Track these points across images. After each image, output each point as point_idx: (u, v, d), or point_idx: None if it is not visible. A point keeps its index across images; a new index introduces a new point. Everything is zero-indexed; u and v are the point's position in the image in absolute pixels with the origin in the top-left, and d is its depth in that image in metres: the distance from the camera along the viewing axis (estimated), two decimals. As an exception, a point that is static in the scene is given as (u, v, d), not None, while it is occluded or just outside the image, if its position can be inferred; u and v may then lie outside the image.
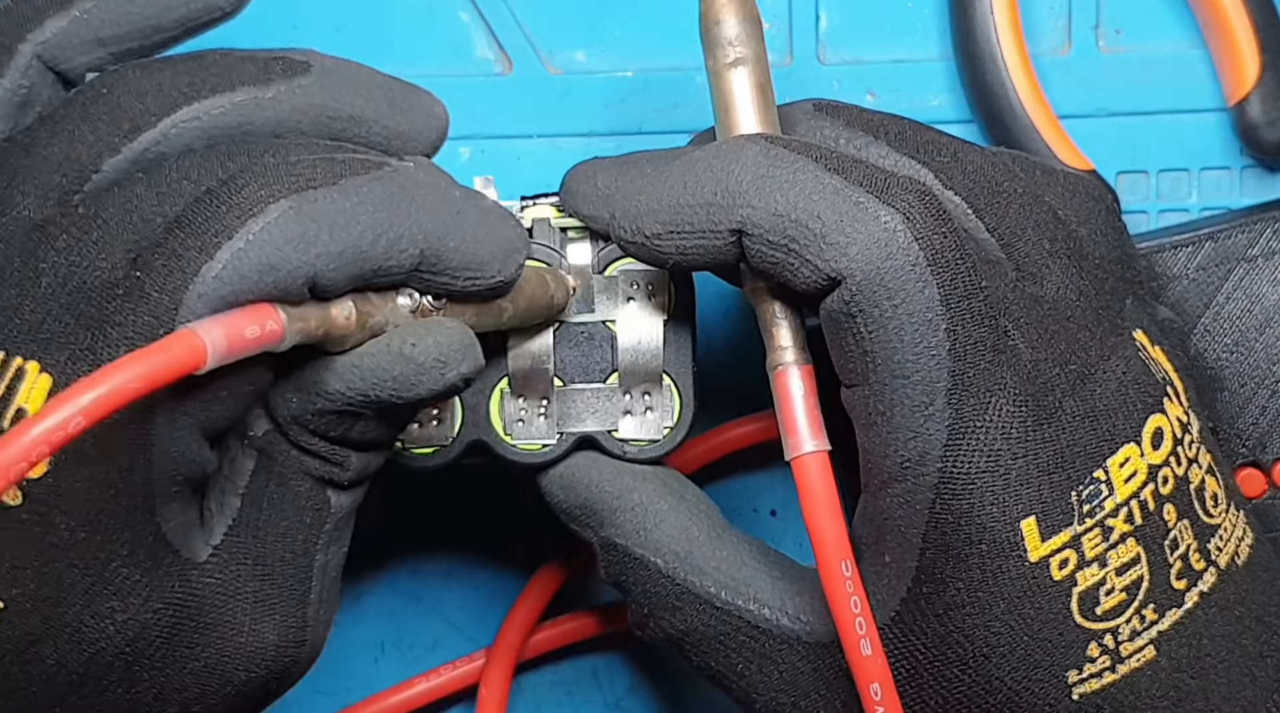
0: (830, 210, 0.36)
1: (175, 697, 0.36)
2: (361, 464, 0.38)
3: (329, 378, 0.36)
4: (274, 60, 0.38)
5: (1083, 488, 0.37)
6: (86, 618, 0.34)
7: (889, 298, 0.36)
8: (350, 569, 0.53)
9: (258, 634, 0.37)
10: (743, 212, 0.37)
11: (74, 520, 0.34)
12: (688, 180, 0.38)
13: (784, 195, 0.36)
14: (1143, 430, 0.38)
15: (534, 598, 0.52)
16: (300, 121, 0.37)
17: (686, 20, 0.51)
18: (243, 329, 0.32)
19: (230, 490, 0.37)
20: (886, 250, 0.36)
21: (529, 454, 0.44)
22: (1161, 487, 0.38)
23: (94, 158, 0.36)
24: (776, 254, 0.37)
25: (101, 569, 0.34)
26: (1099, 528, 0.37)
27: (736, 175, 0.37)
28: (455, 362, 0.36)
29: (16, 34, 0.38)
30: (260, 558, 0.37)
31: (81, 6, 0.38)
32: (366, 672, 0.53)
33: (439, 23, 0.52)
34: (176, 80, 0.36)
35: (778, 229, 0.36)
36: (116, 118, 0.36)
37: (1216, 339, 0.48)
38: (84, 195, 0.35)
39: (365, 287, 0.35)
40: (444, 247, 0.36)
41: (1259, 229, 0.48)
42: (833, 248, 0.36)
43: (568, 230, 0.43)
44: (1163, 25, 0.52)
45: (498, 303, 0.39)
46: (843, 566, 0.37)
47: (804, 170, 0.37)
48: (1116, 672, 0.37)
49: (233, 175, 0.34)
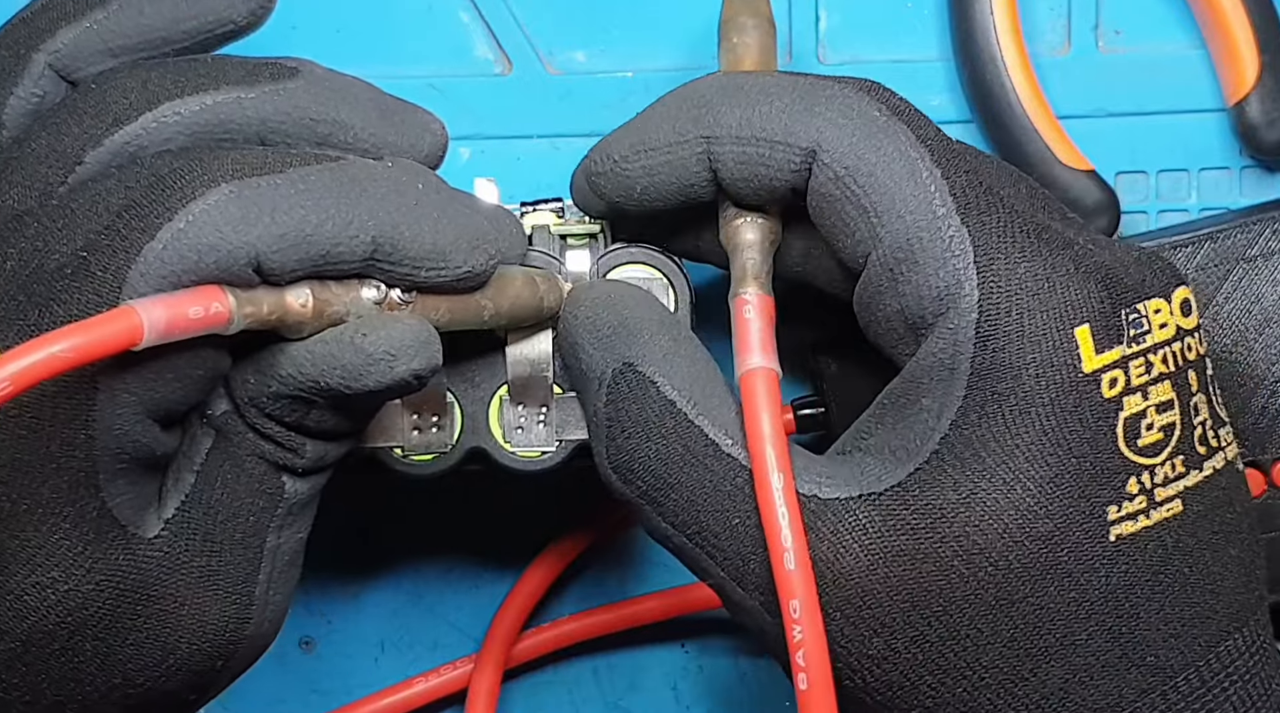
0: (792, 94, 0.39)
1: (118, 668, 0.37)
2: (317, 453, 0.38)
3: (282, 361, 0.36)
4: (263, 65, 0.38)
5: (1129, 313, 0.37)
6: (28, 588, 0.35)
7: (872, 149, 0.38)
8: (350, 569, 0.54)
9: (200, 609, 0.37)
10: (710, 116, 0.39)
11: (14, 492, 0.34)
12: (657, 106, 0.41)
13: (747, 95, 0.39)
14: (1173, 294, 0.39)
15: (521, 600, 0.52)
16: (283, 123, 0.38)
17: (687, 20, 0.52)
18: (185, 309, 0.33)
19: (186, 467, 0.37)
20: (854, 110, 0.38)
21: (528, 461, 0.44)
22: (1186, 352, 0.38)
23: (77, 150, 0.36)
24: (747, 149, 0.39)
25: (43, 541, 0.35)
26: (1142, 357, 0.37)
27: (702, 91, 0.40)
28: (406, 356, 0.36)
29: (30, 43, 0.39)
30: (209, 535, 0.37)
31: (93, 17, 0.39)
32: (366, 672, 0.54)
33: (439, 23, 0.52)
34: (163, 79, 0.37)
35: (746, 122, 0.39)
36: (101, 112, 0.37)
37: (1216, 339, 0.48)
38: (66, 187, 0.36)
39: (322, 274, 0.36)
40: (398, 234, 0.36)
41: (1258, 229, 0.48)
42: (800, 123, 0.38)
43: (567, 237, 0.43)
44: (1162, 26, 0.52)
45: (475, 300, 0.39)
46: (775, 477, 0.37)
47: (764, 77, 0.40)
48: (1150, 517, 0.37)
49: (184, 164, 0.35)
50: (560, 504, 0.52)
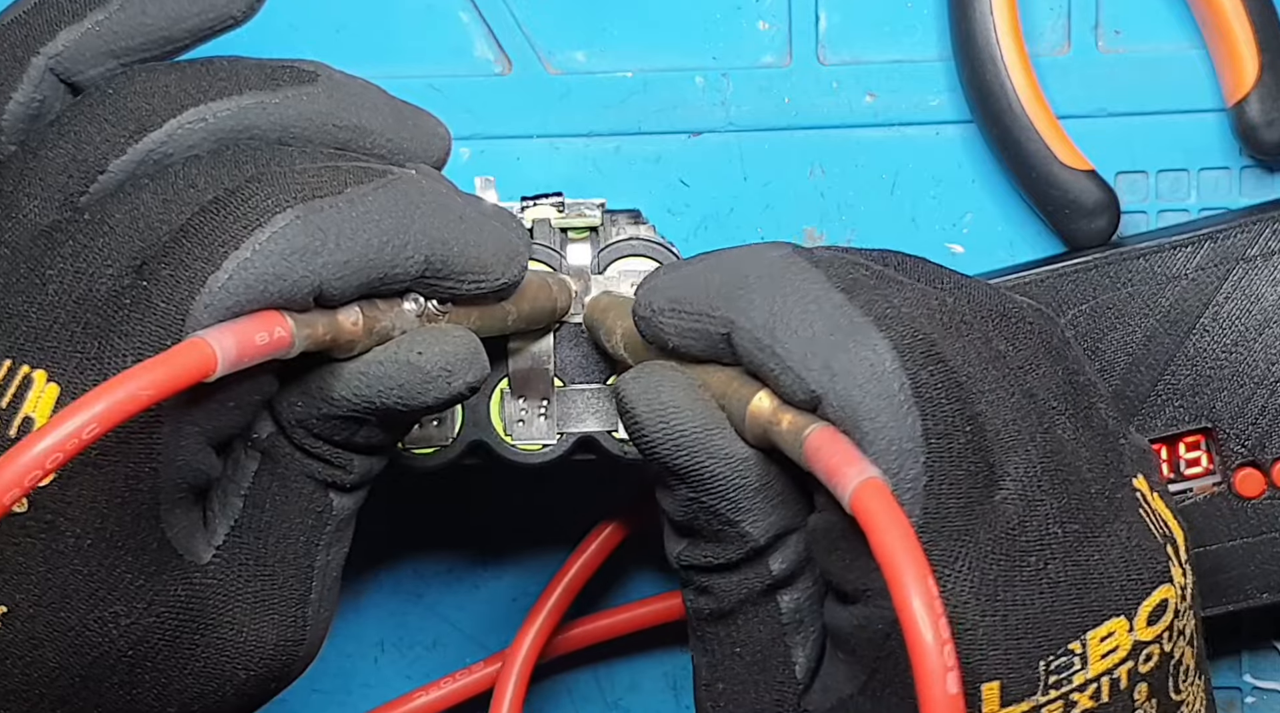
0: (824, 325, 0.35)
1: (175, 698, 0.36)
2: (365, 468, 0.38)
3: (335, 385, 0.36)
4: (282, 68, 0.38)
5: (1053, 658, 0.34)
6: (90, 622, 0.34)
7: (870, 420, 0.34)
8: (350, 569, 0.53)
9: (257, 634, 0.37)
10: (742, 303, 0.36)
11: (80, 528, 0.34)
12: (707, 264, 0.38)
13: (784, 299, 0.35)
14: (1141, 605, 0.35)
15: (557, 602, 0.51)
16: (305, 128, 0.37)
17: (686, 20, 0.52)
18: (252, 336, 0.32)
19: (233, 492, 0.37)
20: (873, 372, 0.34)
21: (529, 454, 0.44)
22: (1141, 665, 0.35)
23: (100, 159, 0.36)
24: (760, 356, 0.35)
25: (106, 575, 0.34)
26: (1062, 700, 0.34)
27: (748, 270, 0.36)
28: (462, 371, 0.36)
29: (29, 46, 0.38)
30: (261, 559, 0.37)
31: (93, 18, 0.38)
32: (366, 671, 0.54)
33: (439, 23, 0.52)
34: (183, 83, 0.36)
35: (767, 330, 0.35)
36: (123, 118, 0.36)
37: (1216, 339, 0.48)
38: (90, 197, 0.35)
39: (372, 293, 0.36)
40: (449, 252, 0.36)
41: (1258, 229, 0.48)
42: (816, 362, 0.34)
43: (568, 231, 0.44)
44: (1162, 25, 0.52)
45: (501, 306, 0.39)
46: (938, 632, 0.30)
47: (813, 281, 0.36)
48: None
49: (239, 185, 0.34)
50: (561, 502, 0.52)
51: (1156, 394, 0.48)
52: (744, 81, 0.52)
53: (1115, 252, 0.48)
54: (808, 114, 0.52)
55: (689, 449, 0.36)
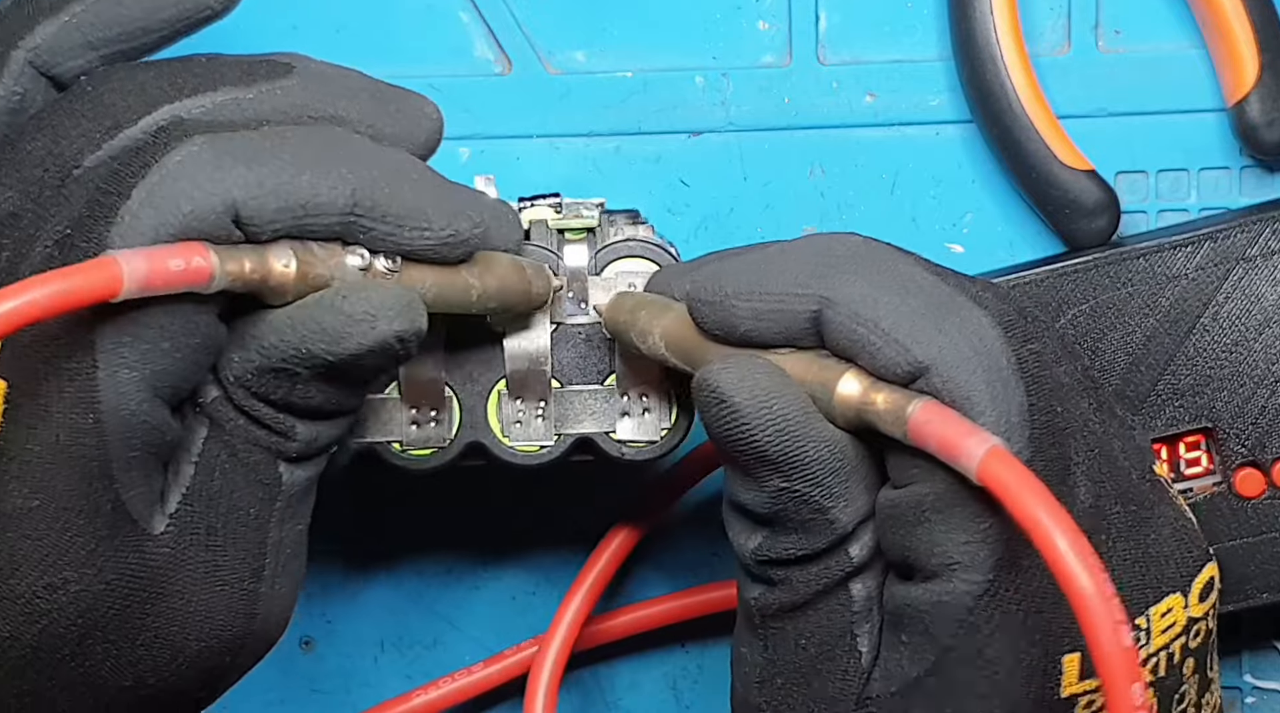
0: (924, 300, 0.35)
1: (129, 670, 0.36)
2: (309, 435, 0.38)
3: (264, 330, 0.36)
4: (258, 64, 0.38)
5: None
6: (40, 590, 0.34)
7: (981, 392, 0.34)
8: (351, 568, 0.54)
9: (206, 604, 0.37)
10: (835, 281, 0.36)
11: (27, 488, 0.34)
12: (783, 250, 0.37)
13: (880, 275, 0.35)
14: (1194, 582, 0.37)
15: (591, 589, 0.51)
16: (281, 121, 0.37)
17: (686, 20, 0.52)
18: (165, 261, 0.32)
19: (185, 460, 0.37)
20: (981, 345, 0.34)
21: (526, 456, 0.44)
22: (1191, 640, 0.37)
23: (75, 154, 0.36)
24: (860, 330, 0.35)
25: (56, 539, 0.34)
26: None
27: (836, 252, 0.36)
28: (386, 317, 0.35)
29: (9, 40, 0.38)
30: (212, 528, 0.37)
31: (71, 10, 0.38)
32: (366, 671, 0.54)
33: (439, 23, 0.52)
34: (160, 80, 0.37)
35: (869, 303, 0.35)
36: (99, 115, 0.36)
37: (1216, 339, 0.48)
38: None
39: (303, 233, 0.35)
40: (378, 189, 0.36)
41: (1258, 229, 0.48)
42: (923, 334, 0.34)
43: (565, 232, 0.44)
44: (1162, 25, 0.52)
45: (462, 277, 0.38)
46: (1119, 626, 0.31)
47: (903, 262, 0.36)
48: None
49: (159, 131, 0.35)
50: (559, 503, 0.52)
51: (1156, 394, 0.48)
52: (744, 81, 0.52)
53: (1115, 252, 0.48)
54: (808, 114, 0.52)
55: (792, 435, 0.35)
